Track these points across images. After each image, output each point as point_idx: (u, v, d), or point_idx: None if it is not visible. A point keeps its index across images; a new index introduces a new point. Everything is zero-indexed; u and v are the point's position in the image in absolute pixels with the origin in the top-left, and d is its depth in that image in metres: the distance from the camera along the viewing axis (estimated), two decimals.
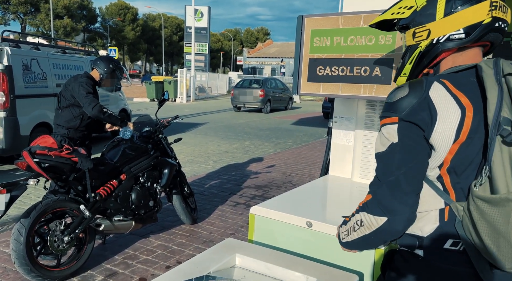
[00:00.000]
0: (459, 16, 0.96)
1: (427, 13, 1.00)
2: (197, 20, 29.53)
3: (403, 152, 0.94)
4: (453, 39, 0.97)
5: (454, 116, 0.91)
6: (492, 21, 0.95)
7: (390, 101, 0.98)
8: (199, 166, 6.60)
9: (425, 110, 0.93)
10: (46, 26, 41.89)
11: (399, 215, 0.94)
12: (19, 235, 2.52)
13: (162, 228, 3.77)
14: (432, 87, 0.94)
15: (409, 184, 0.93)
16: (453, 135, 0.91)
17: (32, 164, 2.59)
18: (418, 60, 1.03)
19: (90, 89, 3.34)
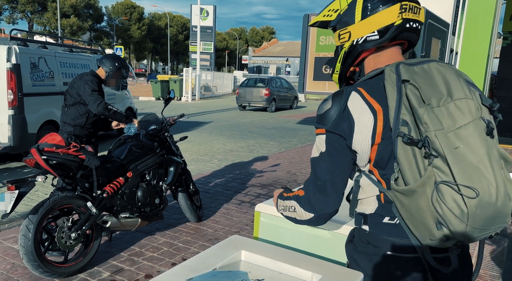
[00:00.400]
0: (373, 19, 1.06)
1: (348, 16, 1.11)
2: (203, 19, 29.58)
3: (329, 160, 1.08)
4: (370, 40, 1.08)
5: (368, 122, 1.02)
6: (403, 22, 1.05)
7: (319, 113, 1.10)
8: (204, 164, 6.63)
9: (345, 121, 1.04)
10: (53, 25, 42.20)
11: (323, 213, 1.11)
12: (27, 231, 2.56)
13: (168, 226, 3.79)
14: (350, 98, 1.05)
15: (333, 188, 1.09)
16: (369, 140, 1.03)
17: (40, 161, 2.62)
18: (344, 60, 1.14)
19: (95, 87, 3.38)
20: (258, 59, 49.63)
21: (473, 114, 0.95)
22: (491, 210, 0.92)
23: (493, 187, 0.92)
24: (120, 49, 31.36)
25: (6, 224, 3.70)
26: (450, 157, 0.91)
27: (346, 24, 1.12)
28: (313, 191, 1.11)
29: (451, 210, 0.92)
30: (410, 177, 0.95)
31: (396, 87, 0.99)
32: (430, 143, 0.92)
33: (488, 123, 0.96)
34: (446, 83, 0.97)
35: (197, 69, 22.84)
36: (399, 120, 0.95)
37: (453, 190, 0.91)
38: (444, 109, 0.94)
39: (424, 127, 0.92)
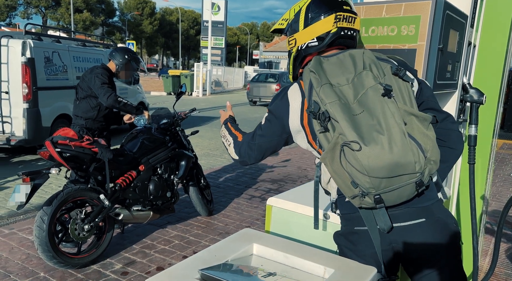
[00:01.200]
0: (313, 28, 1.24)
1: (294, 25, 1.29)
2: (214, 14, 29.53)
3: (264, 130, 1.31)
4: (311, 46, 1.27)
5: (298, 104, 1.22)
6: (338, 30, 1.22)
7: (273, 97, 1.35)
8: (215, 159, 6.65)
9: (283, 104, 1.25)
10: (66, 20, 42.67)
11: (245, 161, 1.38)
12: (41, 222, 2.60)
13: (179, 219, 3.82)
14: (291, 87, 1.26)
15: (258, 150, 1.33)
16: (298, 118, 1.22)
17: (54, 153, 2.66)
18: (294, 62, 1.33)
19: (106, 80, 3.38)
20: (269, 54, 49.42)
21: (370, 82, 1.10)
22: (386, 160, 1.03)
23: (384, 138, 1.03)
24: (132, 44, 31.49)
25: (21, 216, 3.78)
26: (345, 122, 1.06)
27: (293, 31, 1.29)
28: (246, 144, 1.35)
29: (353, 165, 1.06)
30: (325, 145, 1.12)
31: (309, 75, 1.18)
32: (329, 114, 1.08)
33: (385, 86, 1.09)
34: (354, 64, 1.15)
35: (208, 64, 22.86)
36: (311, 101, 1.13)
37: (349, 148, 1.05)
38: (351, 85, 1.12)
39: (322, 102, 1.10)
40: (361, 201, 1.11)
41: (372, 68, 1.14)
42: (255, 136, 1.34)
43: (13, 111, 5.63)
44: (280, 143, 1.33)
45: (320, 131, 1.12)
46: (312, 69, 1.17)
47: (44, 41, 6.11)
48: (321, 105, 1.11)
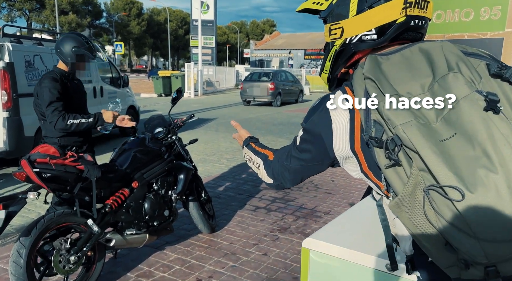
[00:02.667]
0: (371, 14, 0.89)
1: (341, 8, 0.94)
2: (203, 13, 29.01)
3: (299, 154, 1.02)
4: (365, 40, 0.92)
5: (344, 122, 0.89)
6: (406, 19, 0.88)
7: (309, 109, 1.01)
8: (212, 165, 6.26)
9: (323, 121, 0.92)
10: (51, 22, 41.75)
11: (281, 184, 1.12)
12: (18, 256, 2.20)
13: (179, 238, 3.43)
14: (333, 96, 0.92)
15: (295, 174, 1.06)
16: (347, 143, 0.90)
17: (31, 174, 2.25)
18: (335, 59, 1.00)
19: (55, 94, 2.69)
20: (260, 53, 48.99)
21: (462, 90, 0.75)
22: (506, 213, 0.67)
23: (499, 179, 0.68)
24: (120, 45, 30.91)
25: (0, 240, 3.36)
26: (430, 152, 0.71)
27: (338, 17, 0.95)
28: (280, 165, 1.09)
29: (449, 221, 0.70)
30: (398, 187, 0.79)
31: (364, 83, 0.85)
32: (402, 141, 0.74)
33: (487, 96, 0.74)
34: (430, 63, 0.80)
35: (199, 64, 22.41)
36: (369, 121, 0.82)
37: (441, 195, 0.71)
38: (430, 94, 0.77)
39: (390, 123, 0.77)
40: (463, 272, 0.76)
41: (461, 68, 0.79)
42: (290, 158, 1.06)
43: None
44: (321, 169, 1.04)
45: (388, 165, 0.79)
46: (369, 75, 0.83)
47: (24, 44, 5.66)
48: (387, 127, 0.78)
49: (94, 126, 2.79)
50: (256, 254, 3.17)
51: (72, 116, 2.72)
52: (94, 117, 2.77)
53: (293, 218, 3.94)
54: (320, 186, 5.10)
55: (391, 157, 0.76)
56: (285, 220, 3.89)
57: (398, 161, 0.76)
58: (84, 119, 2.74)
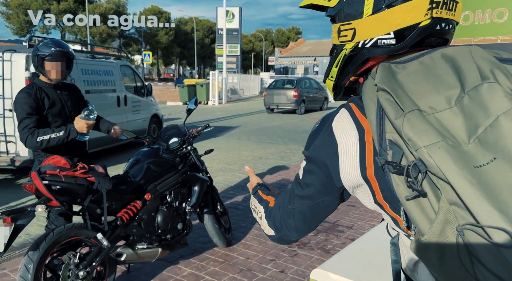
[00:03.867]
0: (390, 15, 0.75)
1: (353, 7, 0.79)
2: (229, 22, 29.34)
3: (302, 190, 0.86)
4: (382, 44, 0.77)
5: (353, 144, 0.76)
6: (432, 22, 0.74)
7: (308, 135, 0.88)
8: (232, 174, 6.17)
9: (328, 145, 0.80)
10: (83, 33, 43.40)
11: (285, 237, 0.93)
12: (26, 271, 2.16)
13: (193, 252, 3.33)
14: (337, 116, 0.80)
15: (302, 219, 0.88)
16: (357, 169, 0.76)
17: (41, 187, 2.22)
18: (343, 65, 0.85)
19: (25, 110, 2.50)
20: (285, 60, 48.94)
21: (501, 104, 0.60)
22: None
23: None
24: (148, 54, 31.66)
25: (17, 251, 3.37)
26: (463, 182, 0.56)
27: (350, 17, 0.80)
28: (280, 210, 0.92)
29: (494, 272, 0.54)
30: (422, 225, 0.63)
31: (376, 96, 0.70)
32: (428, 167, 0.59)
33: None
34: (457, 72, 0.66)
35: (223, 72, 22.58)
36: (384, 142, 0.68)
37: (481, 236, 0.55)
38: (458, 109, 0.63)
39: (411, 145, 0.62)
40: None
41: (498, 77, 0.64)
42: (292, 198, 0.88)
43: (17, 130, 5.29)
44: (332, 205, 0.87)
45: (409, 197, 0.63)
46: (382, 86, 0.68)
47: None
48: (407, 149, 0.63)
49: (67, 138, 2.51)
50: (273, 271, 3.03)
51: (42, 132, 2.49)
52: (66, 130, 2.51)
53: (313, 233, 3.77)
54: None
55: (414, 187, 0.62)
56: None
57: (422, 192, 0.62)
58: (54, 134, 2.49)
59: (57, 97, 2.68)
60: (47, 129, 2.52)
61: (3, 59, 5.20)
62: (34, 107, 2.52)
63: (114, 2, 49.82)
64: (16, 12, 42.78)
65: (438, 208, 0.60)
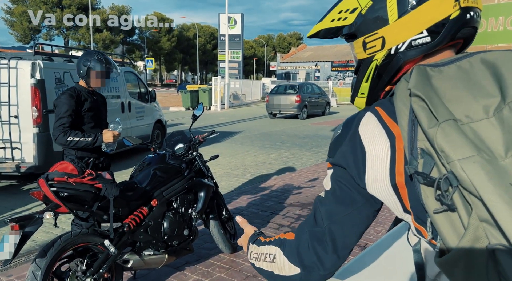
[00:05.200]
0: (418, 14, 0.74)
1: (376, 15, 0.78)
2: (231, 28, 29.50)
3: (333, 201, 0.80)
4: (417, 45, 0.76)
5: (383, 151, 0.73)
6: (461, 13, 0.73)
7: (330, 142, 0.84)
8: (236, 180, 6.16)
9: (354, 151, 0.76)
10: (87, 39, 43.72)
11: (314, 272, 0.81)
12: (34, 279, 2.15)
13: (199, 258, 3.32)
14: (362, 121, 0.77)
15: (331, 241, 0.79)
16: (387, 178, 0.73)
17: (49, 193, 2.22)
18: (376, 77, 0.82)
19: (65, 110, 2.80)
20: (287, 65, 49.09)
21: None
22: None
23: None
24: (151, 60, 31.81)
25: (22, 257, 3.37)
26: (497, 200, 0.53)
27: (374, 27, 0.79)
28: (308, 237, 0.81)
29: None
30: (449, 239, 0.61)
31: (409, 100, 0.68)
32: (460, 182, 0.57)
33: None
34: (498, 80, 0.63)
35: (225, 77, 22.65)
36: (415, 150, 0.65)
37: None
38: (497, 120, 0.59)
39: (444, 157, 0.59)
40: None
41: None
42: (320, 217, 0.81)
43: (22, 136, 5.33)
44: (368, 213, 0.80)
45: (438, 210, 0.61)
46: (416, 91, 0.65)
47: (55, 62, 5.84)
48: (439, 161, 0.61)
49: (92, 145, 2.84)
50: None
51: (73, 133, 2.80)
52: (94, 137, 2.84)
53: None
54: None
55: (443, 201, 0.59)
56: None
57: (452, 207, 0.59)
58: (83, 138, 2.82)
59: (94, 101, 3.03)
60: (78, 132, 2.83)
61: (9, 66, 5.24)
62: (73, 108, 2.84)
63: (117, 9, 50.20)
64: (20, 20, 43.13)
65: (467, 223, 0.58)
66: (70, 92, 2.90)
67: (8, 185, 5.84)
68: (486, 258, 0.56)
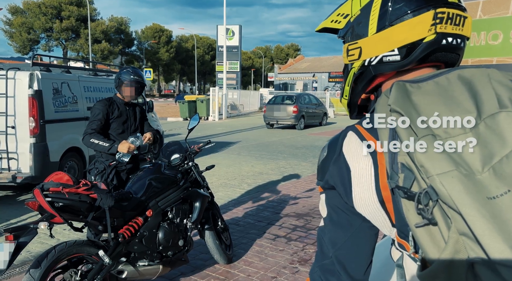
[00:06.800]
0: (393, 32, 0.76)
1: (360, 26, 0.81)
2: (229, 39, 29.77)
3: (332, 228, 0.80)
4: (387, 61, 0.78)
5: (367, 168, 0.74)
6: (436, 38, 0.74)
7: (317, 166, 0.85)
8: (233, 190, 6.16)
9: (341, 171, 0.77)
10: (85, 50, 43.96)
11: None
12: None
13: (194, 269, 3.31)
14: (345, 140, 0.78)
15: (342, 268, 0.77)
16: (373, 194, 0.73)
17: (44, 204, 2.23)
18: (353, 84, 0.87)
19: (96, 114, 3.17)
20: (284, 76, 49.42)
21: None
22: None
23: None
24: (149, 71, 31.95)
25: (17, 268, 3.34)
26: (475, 214, 0.55)
27: (356, 36, 0.82)
28: (320, 273, 0.80)
29: None
30: (430, 252, 0.62)
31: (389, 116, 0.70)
32: (439, 196, 0.58)
33: None
34: (474, 96, 0.65)
35: (223, 88, 22.77)
36: (395, 164, 0.66)
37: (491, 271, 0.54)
38: (473, 135, 0.61)
39: (423, 172, 0.61)
40: None
41: None
42: (326, 249, 0.80)
43: (19, 147, 5.33)
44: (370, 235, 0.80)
45: (419, 224, 0.62)
46: (396, 107, 0.67)
47: (53, 72, 5.88)
48: (419, 176, 0.63)
49: (107, 151, 3.08)
50: None
51: (97, 136, 3.11)
52: (111, 144, 3.09)
53: (314, 249, 3.75)
54: None
55: (424, 215, 0.60)
56: (306, 251, 3.71)
57: (433, 221, 0.60)
58: (102, 142, 3.09)
59: (125, 111, 3.35)
60: (101, 136, 3.13)
61: (7, 77, 5.28)
62: (103, 114, 3.19)
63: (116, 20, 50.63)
64: (19, 31, 43.42)
65: (448, 237, 0.59)
66: (104, 100, 3.28)
67: (3, 196, 5.82)
68: (465, 271, 0.57)
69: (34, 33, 44.21)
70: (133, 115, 3.42)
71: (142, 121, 3.53)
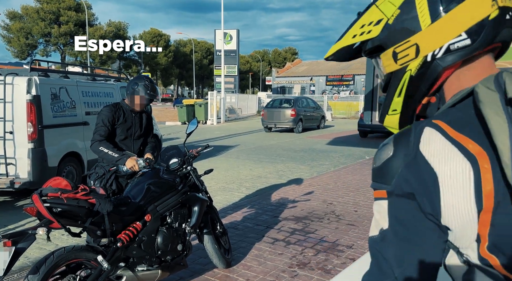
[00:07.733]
0: (455, 16, 0.67)
1: (406, 23, 0.72)
2: (226, 43, 29.83)
3: (397, 242, 0.67)
4: (455, 49, 0.68)
5: (463, 173, 0.61)
6: (500, 13, 0.67)
7: (375, 166, 0.71)
8: (231, 194, 6.16)
9: (419, 174, 0.65)
10: (83, 55, 43.97)
11: None
12: None
13: (193, 274, 3.31)
14: (422, 138, 0.66)
15: None
16: (472, 204, 0.61)
17: (42, 209, 2.23)
18: (411, 89, 0.75)
19: (102, 120, 3.20)
20: (282, 80, 49.54)
21: None
22: None
23: None
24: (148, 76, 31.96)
25: (15, 274, 3.33)
26: None
27: (404, 35, 0.72)
28: None
29: None
30: None
31: (505, 112, 0.59)
32: None
33: None
34: None
35: (221, 92, 22.80)
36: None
37: None
38: None
39: None
40: None
41: None
42: (385, 266, 0.69)
43: (17, 152, 5.33)
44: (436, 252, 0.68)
45: None
46: None
47: (51, 77, 5.89)
48: None
49: (115, 161, 3.12)
50: None
51: (106, 145, 3.14)
52: (120, 156, 3.11)
53: (313, 252, 3.75)
54: (342, 217, 4.88)
55: None
56: (304, 255, 3.71)
57: None
58: (111, 152, 3.12)
59: (130, 117, 3.36)
60: (110, 145, 3.16)
61: (5, 83, 5.28)
62: (109, 120, 3.22)
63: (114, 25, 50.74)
64: (17, 36, 43.45)
65: None
66: (111, 106, 3.30)
67: (1, 201, 5.81)
68: None
69: (32, 38, 44.25)
70: (138, 122, 3.43)
71: (147, 128, 3.54)
